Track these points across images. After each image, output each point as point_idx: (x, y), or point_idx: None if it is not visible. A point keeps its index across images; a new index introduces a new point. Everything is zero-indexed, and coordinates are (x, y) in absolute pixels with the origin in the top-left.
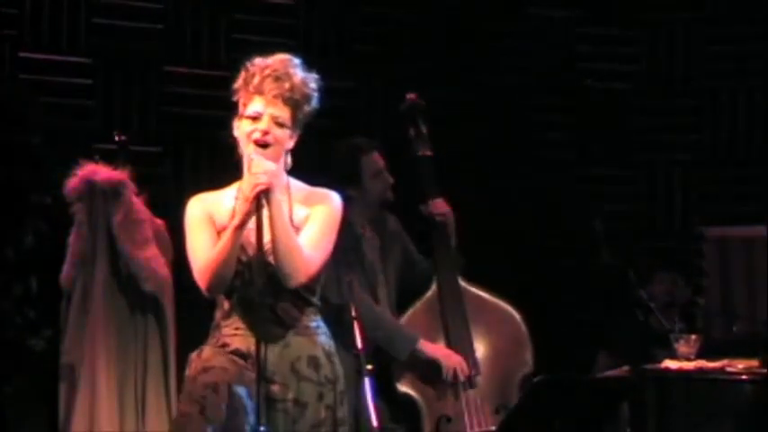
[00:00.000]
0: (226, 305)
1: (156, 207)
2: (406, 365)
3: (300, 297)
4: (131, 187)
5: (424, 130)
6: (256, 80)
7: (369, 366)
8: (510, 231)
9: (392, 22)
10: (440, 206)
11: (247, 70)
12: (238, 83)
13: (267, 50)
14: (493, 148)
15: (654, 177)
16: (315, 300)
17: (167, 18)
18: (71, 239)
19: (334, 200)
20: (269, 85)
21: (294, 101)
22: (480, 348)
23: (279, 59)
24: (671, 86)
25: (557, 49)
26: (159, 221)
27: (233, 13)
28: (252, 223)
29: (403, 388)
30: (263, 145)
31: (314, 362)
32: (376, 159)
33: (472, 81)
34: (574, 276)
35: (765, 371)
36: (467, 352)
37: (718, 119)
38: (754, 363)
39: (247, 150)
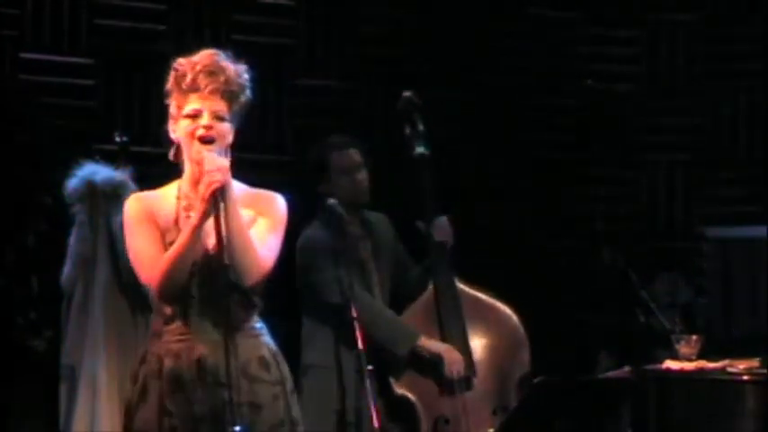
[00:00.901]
0: (168, 310)
1: None
2: (403, 366)
3: (247, 298)
4: (132, 188)
5: (420, 127)
6: (189, 78)
7: (369, 367)
8: (510, 231)
9: (392, 22)
10: (442, 232)
11: (177, 70)
12: (169, 84)
13: (267, 50)
14: (493, 149)
15: (654, 178)
16: (258, 301)
17: (169, 18)
18: (71, 240)
19: (279, 201)
20: (203, 80)
21: (230, 93)
22: (477, 350)
23: (206, 54)
24: (671, 86)
25: (557, 49)
26: None
27: (234, 14)
28: (207, 223)
29: (400, 389)
30: (208, 141)
31: (263, 363)
32: (348, 157)
33: (472, 81)
34: (574, 276)
35: (766, 371)
36: (463, 354)
37: (718, 119)
38: (755, 363)
39: (193, 149)
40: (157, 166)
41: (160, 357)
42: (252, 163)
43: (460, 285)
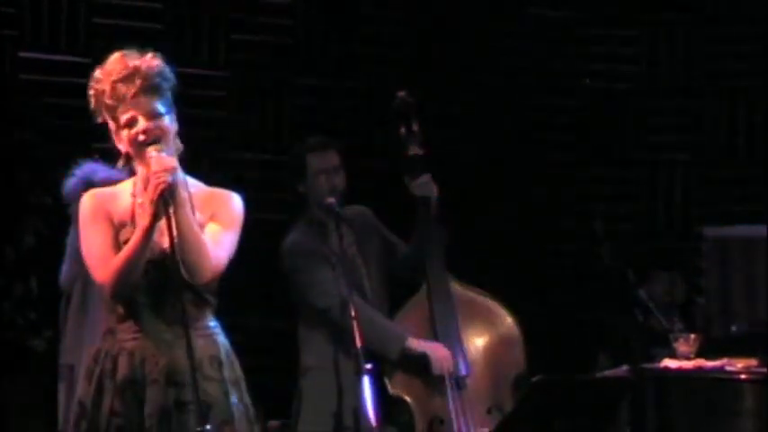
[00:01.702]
0: (121, 308)
1: None
2: (397, 367)
3: (200, 296)
4: None
5: (415, 127)
6: (108, 91)
7: (368, 366)
8: (510, 231)
9: (392, 22)
10: (424, 187)
11: (95, 89)
12: (92, 106)
13: (267, 50)
14: (492, 149)
15: (654, 177)
16: (212, 299)
17: (166, 18)
18: (70, 240)
19: (236, 200)
20: (123, 88)
21: (154, 87)
22: (472, 349)
23: (115, 60)
24: (671, 86)
25: (557, 49)
26: None
27: (233, 13)
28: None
29: (395, 389)
30: (152, 142)
31: (216, 361)
32: (325, 158)
33: (472, 81)
34: (574, 276)
35: (764, 370)
36: (457, 353)
37: (718, 119)
38: (754, 362)
39: (145, 154)
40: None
41: (114, 356)
42: (251, 162)
43: (454, 284)
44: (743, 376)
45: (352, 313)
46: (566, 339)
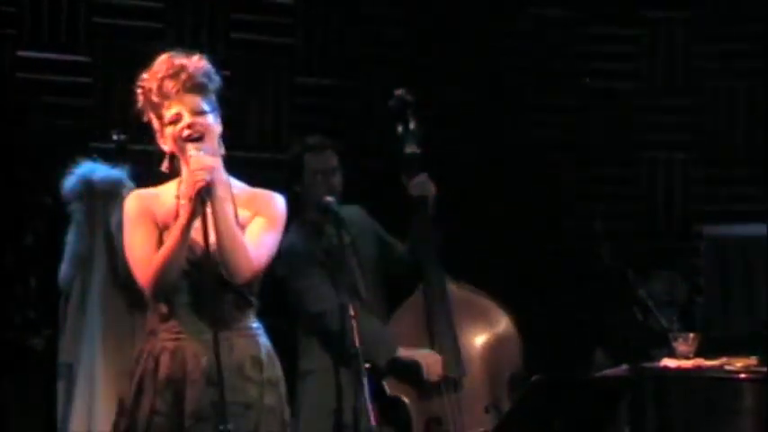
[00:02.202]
0: (164, 308)
1: None
2: (393, 367)
3: (242, 297)
4: (130, 186)
5: (412, 126)
6: (155, 89)
7: (366, 365)
8: (509, 231)
9: (392, 23)
10: (421, 187)
11: (142, 88)
12: (140, 103)
13: (266, 50)
14: (492, 148)
15: (653, 177)
16: (254, 300)
17: (166, 17)
18: (69, 239)
19: (278, 200)
20: (168, 84)
21: (199, 86)
22: (468, 348)
23: (162, 60)
24: (671, 86)
25: (557, 49)
26: None
27: (232, 12)
28: (198, 222)
29: (392, 391)
30: (196, 138)
31: (258, 363)
32: (323, 158)
33: (472, 81)
34: (573, 276)
35: (764, 369)
36: (452, 351)
37: (718, 119)
38: (753, 361)
39: (187, 151)
40: (155, 164)
41: (156, 356)
42: (250, 162)
43: (450, 284)
44: (742, 376)
45: (351, 313)
46: (565, 339)
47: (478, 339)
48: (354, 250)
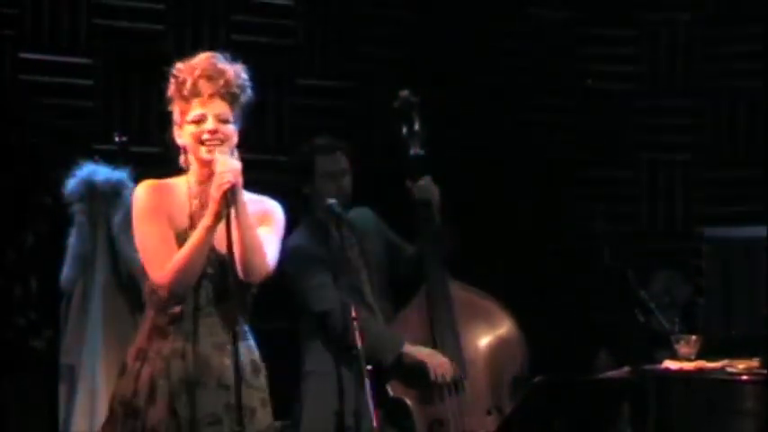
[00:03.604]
0: (176, 309)
1: None
2: (397, 369)
3: (244, 300)
4: (131, 188)
5: (417, 127)
6: (189, 84)
7: (368, 367)
8: (510, 232)
9: (392, 22)
10: (425, 191)
11: (176, 77)
12: (171, 91)
13: (266, 50)
14: (492, 148)
15: (654, 178)
16: (250, 305)
17: (168, 19)
18: (71, 240)
19: (279, 208)
20: (204, 85)
21: (231, 95)
22: (471, 349)
23: (205, 58)
24: (671, 86)
25: (557, 49)
26: None
27: (233, 14)
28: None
29: (395, 392)
30: (214, 144)
31: (256, 368)
32: (333, 161)
33: (472, 81)
34: (574, 276)
35: (765, 371)
36: (454, 355)
37: (718, 119)
38: (754, 363)
39: (201, 152)
40: (157, 165)
41: (166, 357)
42: (250, 163)
43: (454, 285)
44: (744, 377)
45: (353, 314)
46: (566, 340)
47: (481, 341)
48: (361, 252)
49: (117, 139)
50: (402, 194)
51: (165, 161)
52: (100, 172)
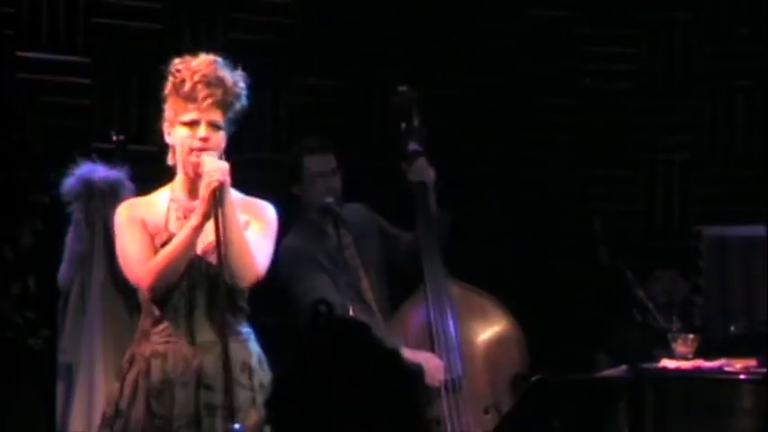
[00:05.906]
0: (157, 311)
1: None
2: None
3: (235, 302)
4: (129, 187)
5: (416, 123)
6: (187, 86)
7: None
8: (509, 231)
9: (392, 22)
10: (420, 172)
11: (175, 76)
12: (167, 88)
13: (263, 49)
14: (492, 148)
15: (653, 177)
16: (245, 306)
17: (165, 18)
18: (68, 239)
19: (271, 209)
20: (201, 91)
21: (227, 103)
22: (469, 348)
23: (206, 62)
24: (671, 86)
25: (557, 49)
26: None
27: (231, 13)
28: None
29: None
30: (202, 149)
31: (247, 368)
32: (323, 162)
33: (472, 81)
34: (573, 276)
35: (763, 370)
36: (453, 354)
37: (718, 119)
38: (752, 362)
39: (189, 158)
40: (154, 164)
41: (147, 358)
42: (249, 162)
43: (452, 283)
44: (742, 376)
45: (351, 314)
46: (564, 339)
47: (479, 339)
48: (358, 251)
49: (115, 137)
50: (402, 194)
51: (162, 160)
52: (97, 171)
